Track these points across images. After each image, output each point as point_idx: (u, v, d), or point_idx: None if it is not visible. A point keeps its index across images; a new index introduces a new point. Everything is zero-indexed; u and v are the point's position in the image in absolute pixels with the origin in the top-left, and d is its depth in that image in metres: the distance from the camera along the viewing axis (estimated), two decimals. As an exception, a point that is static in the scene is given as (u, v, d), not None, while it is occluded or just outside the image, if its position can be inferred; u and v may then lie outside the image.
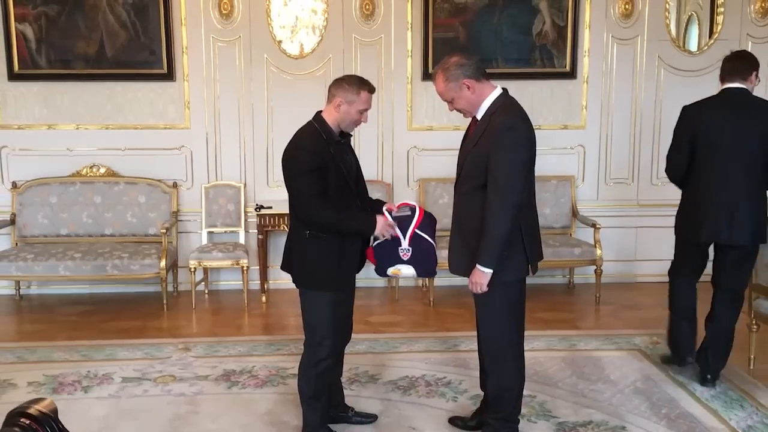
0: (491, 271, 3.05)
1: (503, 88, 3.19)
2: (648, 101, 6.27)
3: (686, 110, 4.16)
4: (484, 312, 3.25)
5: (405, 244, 3.30)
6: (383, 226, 3.21)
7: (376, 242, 3.29)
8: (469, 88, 3.10)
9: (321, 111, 3.25)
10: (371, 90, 3.21)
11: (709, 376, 4.09)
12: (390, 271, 3.35)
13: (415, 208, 3.35)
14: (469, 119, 3.29)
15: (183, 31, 5.97)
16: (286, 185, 3.20)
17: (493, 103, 3.13)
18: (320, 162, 3.09)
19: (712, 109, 4.04)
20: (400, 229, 3.29)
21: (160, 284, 5.66)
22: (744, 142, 3.88)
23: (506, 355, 3.27)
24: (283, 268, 3.34)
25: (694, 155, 4.02)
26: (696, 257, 4.15)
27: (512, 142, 3.01)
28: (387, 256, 3.32)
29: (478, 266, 3.06)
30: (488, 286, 3.09)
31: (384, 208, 3.33)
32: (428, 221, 3.36)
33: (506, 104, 3.13)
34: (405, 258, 3.31)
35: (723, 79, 4.08)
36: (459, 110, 3.21)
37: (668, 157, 4.21)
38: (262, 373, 4.32)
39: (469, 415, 3.66)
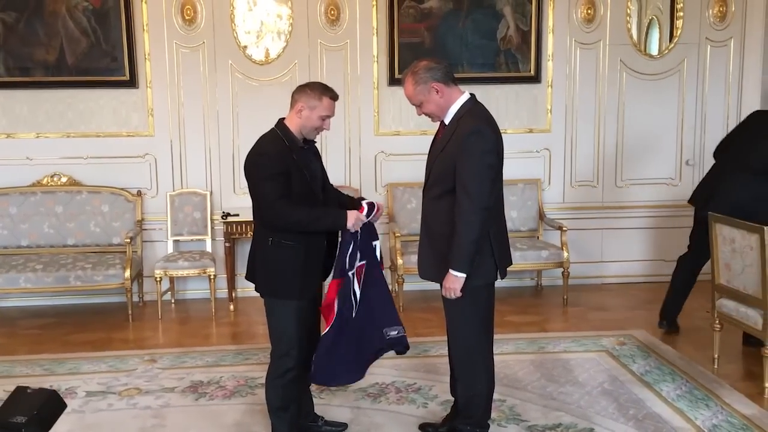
0: (464, 275, 3.05)
1: (471, 94, 3.21)
2: (611, 104, 6.35)
3: None
4: (454, 317, 3.25)
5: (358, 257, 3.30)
6: (356, 219, 3.18)
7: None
8: (437, 92, 3.12)
9: (284, 118, 3.23)
10: (334, 97, 3.19)
11: None
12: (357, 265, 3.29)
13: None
14: (437, 124, 3.30)
15: (145, 38, 5.89)
16: (250, 193, 3.17)
17: (461, 107, 3.15)
18: (283, 167, 3.07)
19: None
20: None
21: (125, 295, 5.56)
22: None
23: (476, 359, 3.27)
24: (248, 277, 3.31)
25: None
26: None
27: (479, 147, 3.02)
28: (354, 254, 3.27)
29: (451, 271, 3.06)
30: (461, 291, 3.09)
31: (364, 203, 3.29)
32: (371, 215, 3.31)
33: (474, 109, 3.15)
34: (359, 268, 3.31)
35: None
36: (427, 114, 3.23)
37: None
38: (230, 383, 4.27)
39: (439, 421, 3.66)
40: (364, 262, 3.30)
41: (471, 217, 3.00)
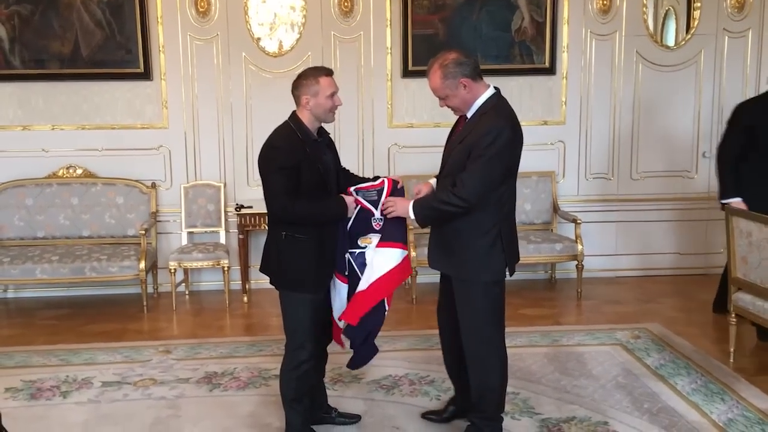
0: (413, 218, 3.18)
1: (496, 88, 3.20)
2: (626, 96, 6.30)
3: None
4: (466, 312, 3.25)
5: (378, 213, 3.31)
6: (352, 203, 3.26)
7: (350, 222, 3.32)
8: (465, 87, 3.10)
9: (297, 110, 3.23)
10: (328, 73, 3.20)
11: None
12: (360, 240, 3.33)
13: (383, 185, 3.34)
14: (452, 116, 3.29)
15: (159, 30, 5.90)
16: (262, 185, 3.18)
17: (485, 103, 3.14)
18: (294, 160, 3.08)
19: None
20: (371, 204, 3.32)
21: (139, 286, 5.59)
22: None
23: (488, 354, 3.27)
24: (262, 270, 3.32)
25: None
26: None
27: (494, 149, 3.01)
28: (359, 228, 3.32)
29: (410, 208, 3.19)
30: (469, 286, 3.13)
31: (352, 189, 3.33)
32: (397, 190, 3.36)
33: (498, 106, 3.15)
34: (377, 228, 3.32)
35: None
36: (451, 107, 3.20)
37: None
38: (244, 374, 4.29)
39: (442, 407, 3.69)
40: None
41: (453, 200, 3.07)
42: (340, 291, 3.33)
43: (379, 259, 3.29)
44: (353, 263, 3.32)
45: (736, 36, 6.25)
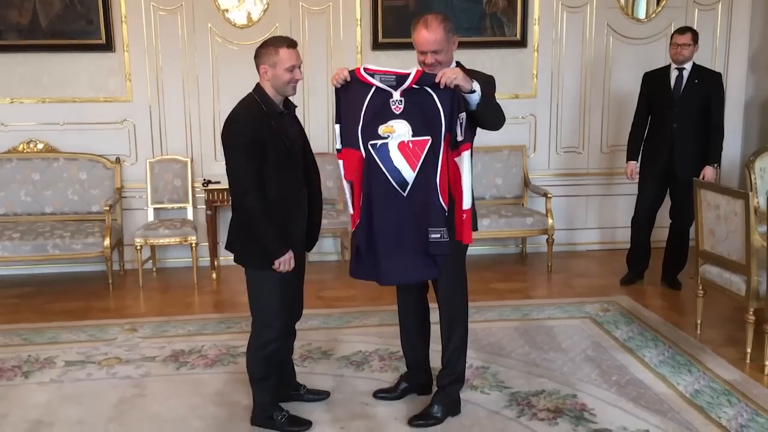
0: (477, 90, 2.94)
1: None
2: (597, 69, 6.28)
3: None
4: (449, 276, 3.27)
5: (397, 95, 2.98)
6: (288, 262, 3.06)
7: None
8: (454, 45, 3.17)
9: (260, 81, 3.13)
10: (291, 44, 3.06)
11: None
12: (381, 129, 2.99)
13: (408, 74, 2.97)
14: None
15: (121, -1, 5.72)
16: (225, 160, 3.07)
17: (457, 64, 3.17)
18: (257, 135, 2.98)
19: None
20: (390, 87, 2.98)
21: (105, 263, 5.48)
22: None
23: (465, 312, 3.39)
24: (227, 247, 3.24)
25: None
26: None
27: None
28: (376, 113, 3.00)
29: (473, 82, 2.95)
30: (450, 250, 3.10)
31: (362, 69, 3.06)
32: (428, 79, 2.96)
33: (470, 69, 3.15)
34: (397, 111, 2.98)
35: None
36: (435, 64, 3.08)
37: None
38: (211, 352, 4.23)
39: (393, 384, 3.68)
40: (428, 137, 2.99)
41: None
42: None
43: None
44: (374, 157, 3.02)
45: (706, 9, 6.24)
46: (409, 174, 3.04)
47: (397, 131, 3.00)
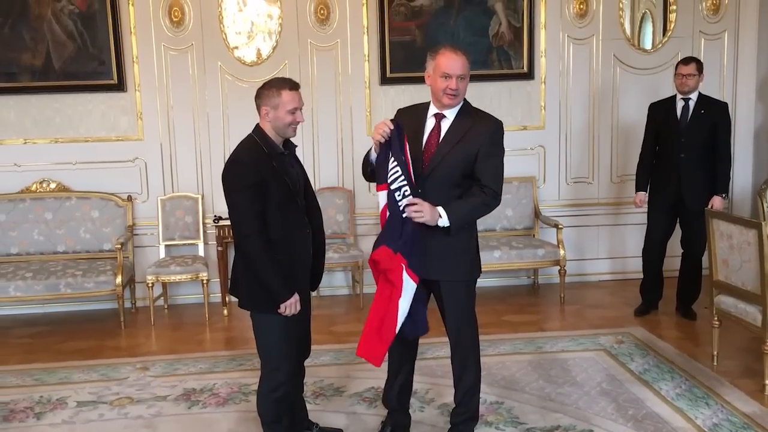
0: (445, 224, 3.08)
1: None
2: (605, 100, 6.30)
3: None
4: (458, 311, 3.27)
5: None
6: (294, 305, 3.05)
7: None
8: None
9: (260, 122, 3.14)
10: (293, 87, 3.06)
11: None
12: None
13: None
14: (431, 115, 3.24)
15: (133, 40, 5.81)
16: (226, 203, 3.06)
17: (465, 104, 3.23)
18: (260, 176, 2.96)
19: None
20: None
21: (117, 301, 5.49)
22: None
23: (477, 349, 3.37)
24: (231, 291, 3.22)
25: None
26: None
27: (503, 145, 3.25)
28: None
29: (441, 212, 3.07)
30: (463, 286, 3.23)
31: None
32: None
33: (474, 108, 3.26)
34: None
35: None
36: (457, 93, 3.13)
37: None
38: (223, 390, 4.21)
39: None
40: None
41: (490, 201, 3.15)
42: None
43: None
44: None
45: (713, 38, 6.28)
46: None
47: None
